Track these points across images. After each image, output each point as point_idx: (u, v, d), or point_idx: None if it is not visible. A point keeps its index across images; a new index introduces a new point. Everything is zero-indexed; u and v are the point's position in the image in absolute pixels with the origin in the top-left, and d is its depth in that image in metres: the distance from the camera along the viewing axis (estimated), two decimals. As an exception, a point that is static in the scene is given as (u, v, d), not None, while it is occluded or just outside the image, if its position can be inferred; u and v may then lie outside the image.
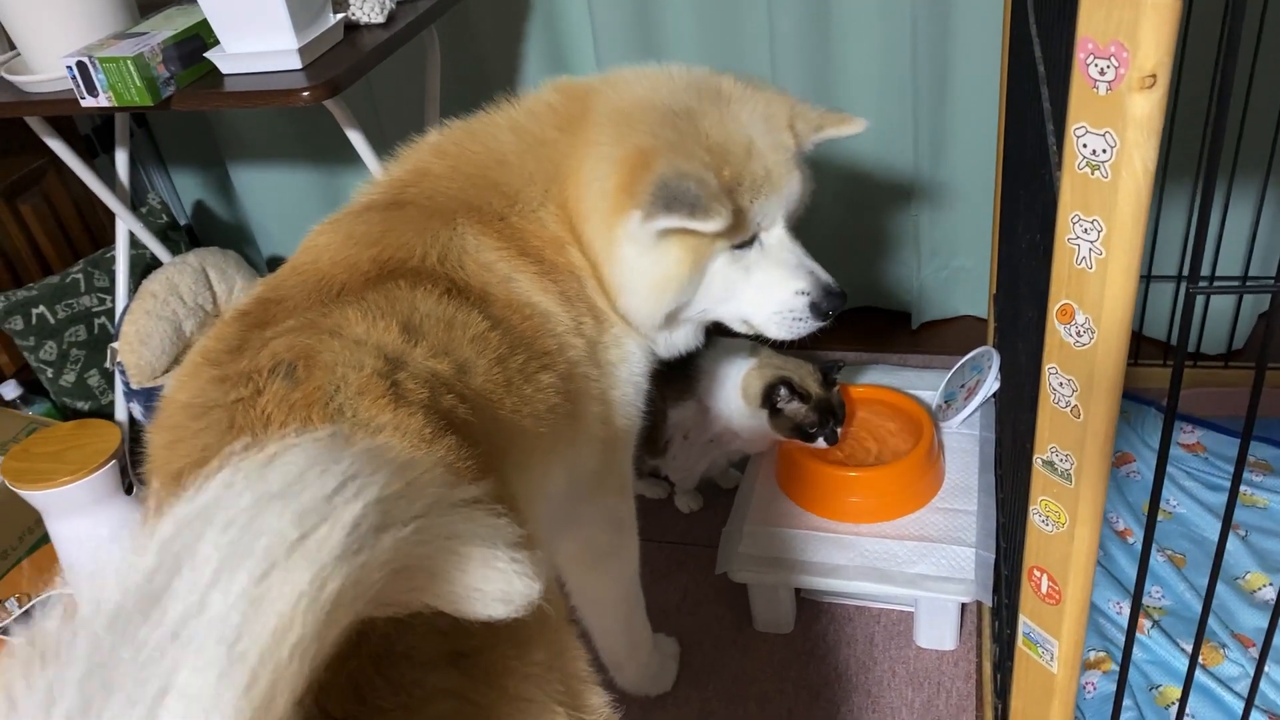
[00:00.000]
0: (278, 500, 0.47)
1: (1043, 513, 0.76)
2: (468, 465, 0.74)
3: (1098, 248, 0.62)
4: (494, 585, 0.55)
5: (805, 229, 2.07)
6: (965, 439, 1.58)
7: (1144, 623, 1.35)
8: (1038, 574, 0.80)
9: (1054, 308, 0.67)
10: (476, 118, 1.09)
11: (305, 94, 1.34)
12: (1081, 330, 0.66)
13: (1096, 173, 0.60)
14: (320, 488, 0.48)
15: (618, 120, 1.02)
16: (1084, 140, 0.60)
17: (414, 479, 0.53)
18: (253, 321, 0.86)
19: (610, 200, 1.00)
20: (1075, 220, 0.63)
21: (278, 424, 0.72)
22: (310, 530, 0.47)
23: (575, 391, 0.99)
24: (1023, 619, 0.84)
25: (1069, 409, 0.70)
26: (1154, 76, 0.56)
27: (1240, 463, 0.75)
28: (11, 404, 1.94)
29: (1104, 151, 0.59)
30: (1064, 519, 0.75)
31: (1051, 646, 0.82)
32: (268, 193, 2.31)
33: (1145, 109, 0.57)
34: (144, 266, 2.00)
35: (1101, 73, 0.57)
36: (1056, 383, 0.70)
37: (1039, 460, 0.75)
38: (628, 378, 1.10)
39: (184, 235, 2.21)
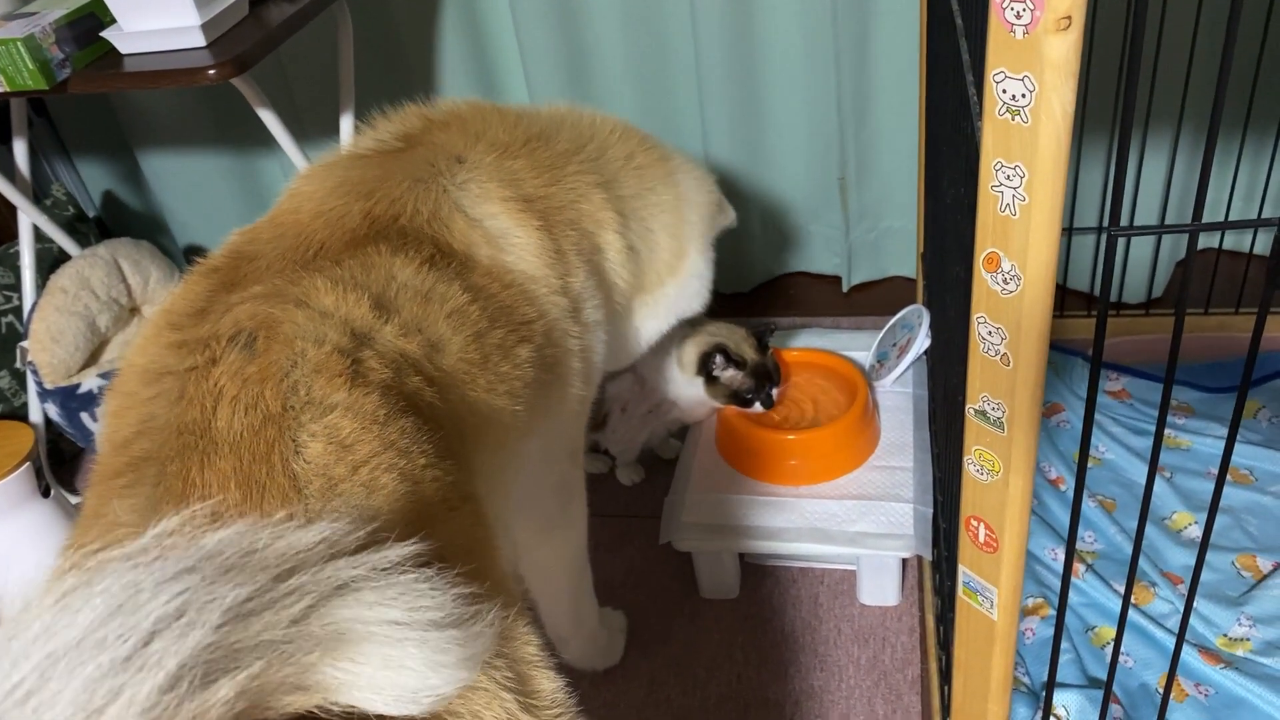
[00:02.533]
0: (63, 664, 0.39)
1: (977, 462, 0.77)
2: (424, 450, 0.72)
3: (1020, 194, 0.62)
4: (400, 683, 0.48)
5: (731, 195, 2.07)
6: (899, 397, 1.60)
7: (1078, 567, 1.38)
8: (975, 523, 0.81)
9: (980, 257, 0.67)
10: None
11: (210, 72, 1.29)
12: (1008, 278, 0.66)
13: (1016, 118, 0.60)
14: (125, 643, 0.40)
15: (695, 162, 1.33)
16: (1003, 85, 0.60)
17: (281, 575, 0.46)
18: (221, 281, 0.83)
19: (717, 210, 1.33)
20: (998, 167, 0.63)
21: (229, 398, 0.69)
22: (103, 705, 0.39)
23: (555, 357, 0.98)
24: (962, 568, 0.85)
25: (999, 357, 0.70)
26: (1069, 18, 0.55)
27: (1164, 407, 0.76)
28: (-83, 411, 1.85)
29: (1023, 96, 0.59)
30: (998, 467, 0.75)
31: (991, 594, 0.83)
32: (180, 179, 2.23)
33: (1062, 51, 0.56)
34: (52, 261, 1.92)
35: (1018, 16, 0.57)
36: (985, 331, 0.70)
37: (971, 410, 0.75)
38: (601, 341, 1.11)
39: (93, 227, 2.12)
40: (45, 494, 1.35)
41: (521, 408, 0.90)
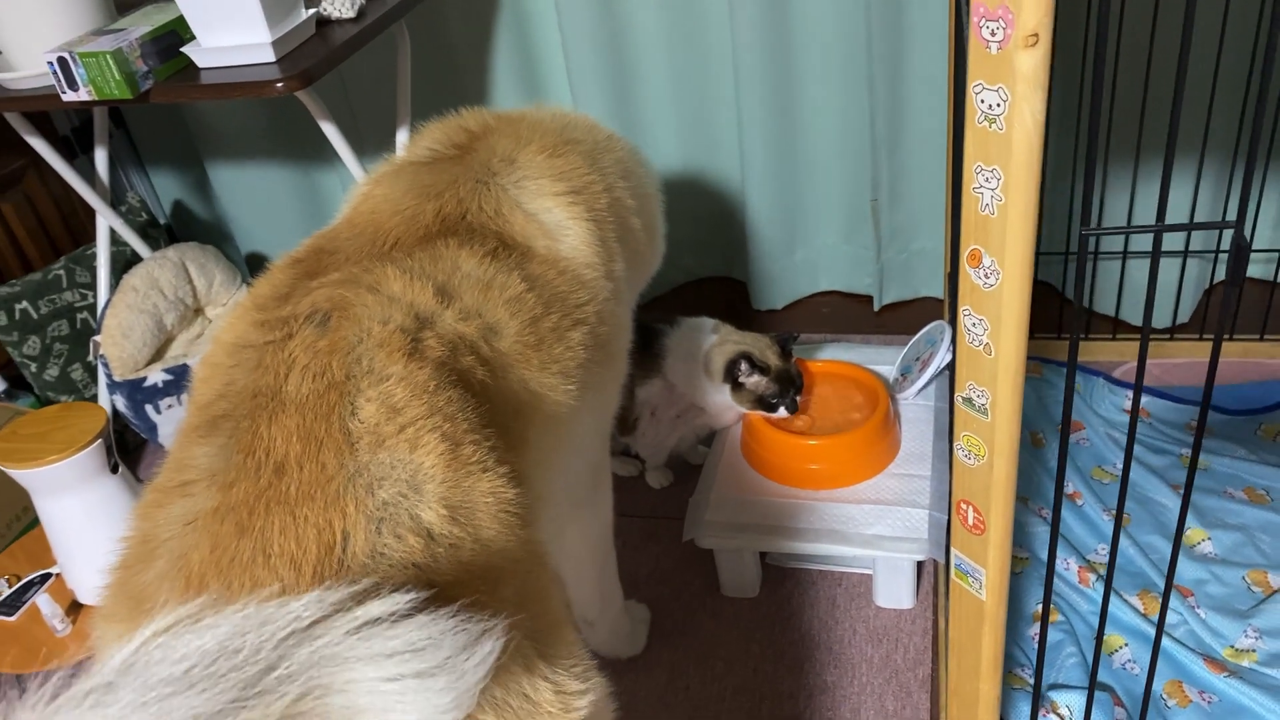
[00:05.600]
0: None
1: (965, 447, 0.83)
2: (468, 418, 0.80)
3: (998, 194, 0.69)
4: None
5: (767, 214, 2.13)
6: (921, 409, 1.65)
7: (1089, 576, 1.42)
8: (964, 506, 0.86)
9: (964, 253, 0.74)
10: None
11: (279, 85, 1.40)
12: (988, 272, 0.73)
13: (993, 125, 0.67)
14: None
15: None
16: (981, 96, 0.67)
17: (267, 668, 0.52)
18: (304, 270, 0.93)
19: None
20: (978, 170, 0.70)
21: (300, 366, 0.78)
22: None
23: (606, 335, 1.07)
24: (954, 551, 0.90)
25: (982, 347, 0.76)
26: (1036, 35, 0.62)
27: (1133, 423, 0.81)
28: (-4, 398, 1.99)
29: (998, 105, 0.66)
30: (983, 451, 0.81)
31: (980, 575, 0.89)
32: (245, 191, 2.36)
33: (1031, 65, 0.63)
34: (124, 262, 2.05)
35: (992, 33, 0.64)
36: (970, 323, 0.76)
37: (959, 398, 0.81)
38: (631, 320, 1.22)
39: (164, 233, 2.25)
40: (114, 470, 1.46)
41: (574, 385, 0.99)
